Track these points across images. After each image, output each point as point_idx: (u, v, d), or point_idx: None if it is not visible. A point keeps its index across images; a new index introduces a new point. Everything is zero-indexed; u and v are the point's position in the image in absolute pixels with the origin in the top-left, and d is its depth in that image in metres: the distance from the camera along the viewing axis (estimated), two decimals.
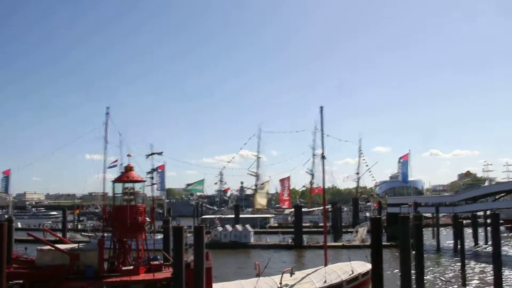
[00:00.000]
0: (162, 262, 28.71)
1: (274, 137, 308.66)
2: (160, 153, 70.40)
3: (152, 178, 66.48)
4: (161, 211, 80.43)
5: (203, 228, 25.91)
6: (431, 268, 44.84)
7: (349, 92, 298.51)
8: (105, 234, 30.82)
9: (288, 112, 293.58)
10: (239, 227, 72.62)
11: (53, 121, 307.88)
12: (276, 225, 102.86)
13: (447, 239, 65.94)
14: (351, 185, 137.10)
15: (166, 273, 26.63)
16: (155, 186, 69.72)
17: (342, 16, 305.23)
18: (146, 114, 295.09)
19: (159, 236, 49.24)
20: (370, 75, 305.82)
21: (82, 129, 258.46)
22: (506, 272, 39.09)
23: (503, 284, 32.93)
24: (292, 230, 73.73)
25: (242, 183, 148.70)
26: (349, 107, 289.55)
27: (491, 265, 35.54)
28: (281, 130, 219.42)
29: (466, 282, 37.16)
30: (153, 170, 70.15)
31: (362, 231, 69.91)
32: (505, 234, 75.64)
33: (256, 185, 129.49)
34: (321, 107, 38.34)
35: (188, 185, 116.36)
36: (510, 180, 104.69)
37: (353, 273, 30.84)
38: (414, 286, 24.94)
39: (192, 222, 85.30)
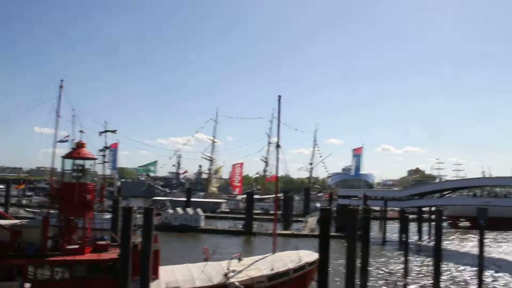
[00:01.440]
0: (109, 242, 28.14)
1: (231, 122, 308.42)
2: (114, 131, 68.81)
3: (104, 156, 65.06)
4: (112, 190, 79.04)
5: (152, 209, 25.43)
6: (376, 259, 46.04)
7: (310, 86, 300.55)
8: (51, 211, 29.88)
9: (247, 99, 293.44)
10: (189, 210, 72.34)
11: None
12: (227, 210, 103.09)
13: (393, 232, 67.72)
14: (304, 174, 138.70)
15: (112, 254, 26.08)
16: (107, 164, 68.31)
17: (311, 13, 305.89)
18: (104, 91, 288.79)
19: (108, 216, 48.32)
20: (333, 71, 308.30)
21: (36, 99, 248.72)
22: (445, 266, 40.75)
23: (441, 276, 34.57)
24: (244, 216, 74.06)
25: (200, 166, 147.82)
26: (309, 102, 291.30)
27: (432, 258, 36.83)
28: (239, 116, 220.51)
29: (408, 274, 38.31)
30: (106, 148, 68.56)
31: (312, 221, 70.90)
32: (448, 230, 78.63)
33: (209, 170, 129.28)
34: (279, 96, 38.47)
35: (140, 166, 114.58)
36: (458, 178, 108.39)
37: (300, 261, 31.19)
38: (359, 276, 25.45)
39: (143, 203, 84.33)
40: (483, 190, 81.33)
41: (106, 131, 68.08)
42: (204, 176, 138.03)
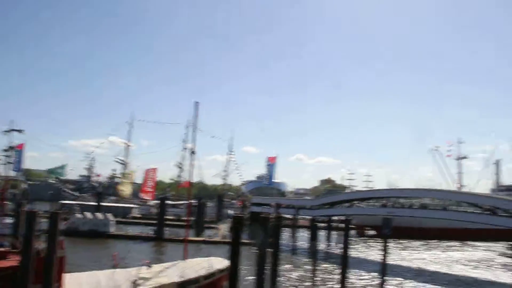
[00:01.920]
0: (9, 249, 26.55)
1: (148, 127, 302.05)
2: (20, 131, 65.39)
3: (8, 157, 61.54)
4: (17, 192, 74.86)
5: (58, 214, 24.32)
6: (286, 266, 46.94)
7: (229, 94, 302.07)
8: None
9: (164, 104, 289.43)
10: (99, 215, 70.04)
11: None
12: (139, 216, 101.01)
13: (304, 240, 69.42)
14: (219, 181, 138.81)
15: (12, 261, 24.64)
16: (10, 166, 64.65)
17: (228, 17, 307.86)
18: (14, 90, 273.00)
19: (9, 220, 45.69)
20: (252, 80, 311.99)
21: None
22: (351, 272, 42.39)
23: (347, 283, 36.28)
24: (155, 222, 72.90)
25: (114, 170, 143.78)
26: (227, 110, 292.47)
27: (338, 266, 38.24)
28: (156, 121, 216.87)
29: (316, 281, 39.41)
30: (10, 148, 64.90)
31: (224, 228, 71.14)
32: (355, 238, 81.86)
33: (122, 174, 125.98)
34: (196, 103, 38.33)
35: (50, 169, 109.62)
36: (367, 189, 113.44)
37: (211, 268, 31.18)
38: (268, 283, 25.89)
39: (50, 207, 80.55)
40: (389, 200, 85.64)
41: (12, 130, 64.57)
42: (117, 180, 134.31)
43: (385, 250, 36.67)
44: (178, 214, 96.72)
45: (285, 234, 75.03)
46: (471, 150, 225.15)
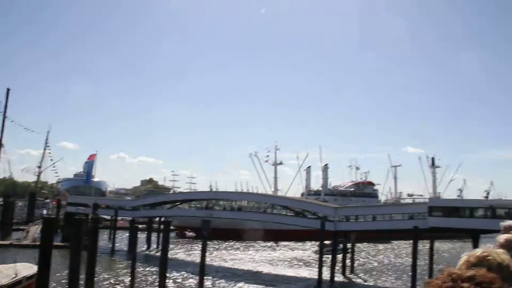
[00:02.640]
0: None
1: None
2: None
3: None
4: None
5: None
6: (103, 269, 44.87)
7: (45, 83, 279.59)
8: None
9: None
10: None
11: None
12: None
13: (123, 242, 67.25)
14: (32, 178, 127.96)
15: None
16: None
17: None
18: None
19: None
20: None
21: None
22: (171, 274, 42.16)
23: (167, 284, 36.15)
24: None
25: None
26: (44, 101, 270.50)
27: (158, 268, 37.66)
28: None
29: (134, 283, 38.28)
30: None
31: (35, 230, 65.60)
32: (176, 240, 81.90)
33: None
34: (8, 89, 34.65)
35: None
36: (191, 191, 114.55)
37: (16, 276, 28.13)
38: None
39: None
40: (210, 202, 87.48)
41: None
42: None
43: (203, 251, 37.27)
44: None
45: (104, 236, 72.13)
46: (286, 156, 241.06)
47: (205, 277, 37.39)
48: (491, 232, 39.02)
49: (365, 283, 48.62)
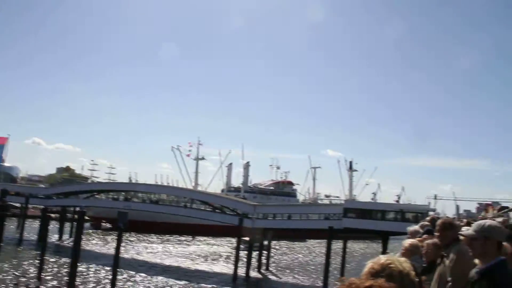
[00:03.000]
0: None
1: None
2: None
3: None
4: None
5: None
6: (9, 261, 42.61)
7: None
8: None
9: None
10: None
11: None
12: None
13: (33, 231, 64.24)
14: None
15: None
16: None
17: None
18: None
19: None
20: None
21: None
22: (83, 266, 40.95)
23: (78, 276, 35.22)
24: None
25: None
26: None
27: (70, 259, 36.35)
28: None
29: (43, 275, 36.74)
30: None
31: None
32: (91, 231, 79.47)
33: None
34: None
35: None
36: (106, 181, 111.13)
37: None
38: None
39: None
40: (129, 194, 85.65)
41: None
42: None
43: (118, 243, 36.44)
44: None
45: (12, 224, 68.67)
46: (209, 152, 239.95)
47: (118, 270, 36.52)
48: (400, 234, 41.27)
49: (279, 280, 49.54)
